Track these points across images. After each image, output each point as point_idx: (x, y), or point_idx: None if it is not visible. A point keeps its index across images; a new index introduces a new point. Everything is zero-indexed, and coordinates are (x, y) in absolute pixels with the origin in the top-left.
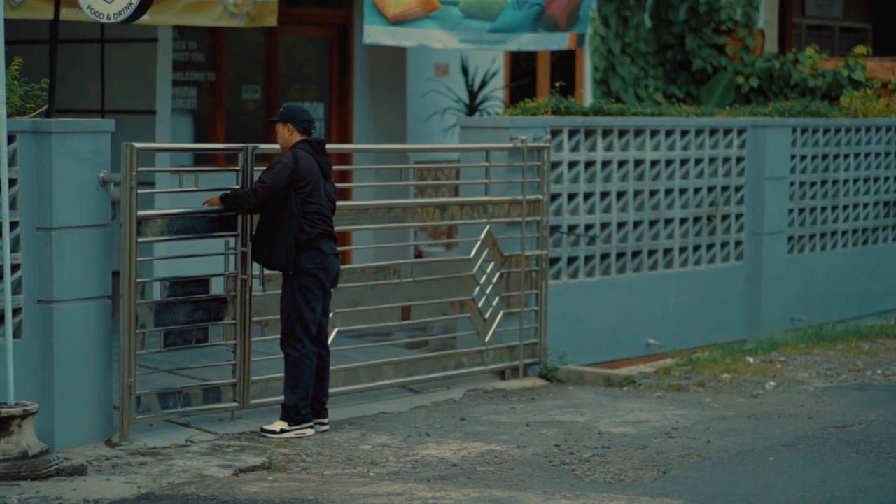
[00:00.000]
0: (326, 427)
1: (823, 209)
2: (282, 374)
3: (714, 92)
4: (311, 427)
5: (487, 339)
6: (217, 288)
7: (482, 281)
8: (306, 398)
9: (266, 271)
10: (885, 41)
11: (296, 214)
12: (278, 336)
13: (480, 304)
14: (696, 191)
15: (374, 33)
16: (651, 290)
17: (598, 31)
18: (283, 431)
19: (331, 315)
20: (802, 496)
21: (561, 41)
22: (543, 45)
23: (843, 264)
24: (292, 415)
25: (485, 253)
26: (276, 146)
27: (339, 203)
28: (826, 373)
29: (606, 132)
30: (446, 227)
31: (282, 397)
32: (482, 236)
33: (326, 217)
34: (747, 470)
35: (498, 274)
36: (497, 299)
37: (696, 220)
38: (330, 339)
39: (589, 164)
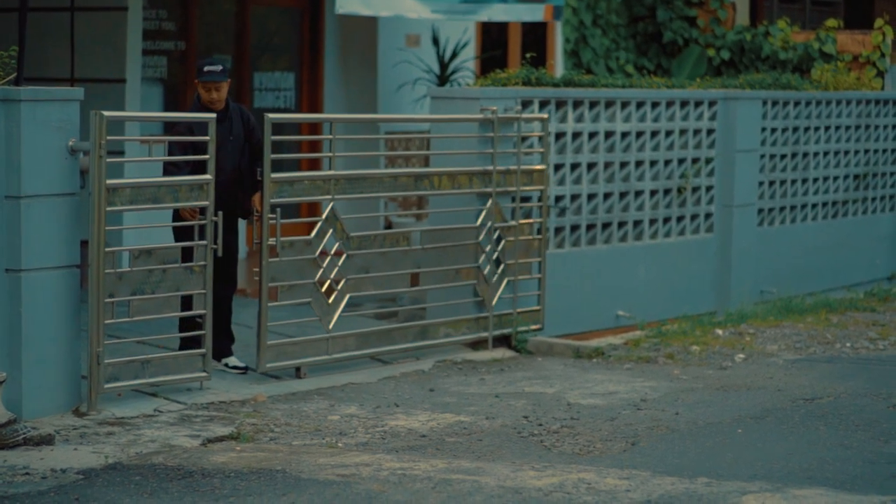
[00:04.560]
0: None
1: (794, 182)
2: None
3: (685, 64)
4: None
5: (494, 303)
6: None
7: (487, 249)
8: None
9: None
10: (856, 14)
11: None
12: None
13: (486, 272)
14: (667, 163)
15: (348, 3)
16: (621, 262)
17: (570, 3)
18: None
19: (342, 282)
20: (770, 468)
21: (535, 13)
22: (516, 17)
23: (813, 237)
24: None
25: (490, 222)
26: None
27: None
28: (795, 345)
29: (577, 104)
30: (416, 198)
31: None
32: (488, 205)
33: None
34: (716, 442)
35: (503, 242)
36: (502, 266)
37: (667, 192)
38: (341, 305)
39: (559, 135)
